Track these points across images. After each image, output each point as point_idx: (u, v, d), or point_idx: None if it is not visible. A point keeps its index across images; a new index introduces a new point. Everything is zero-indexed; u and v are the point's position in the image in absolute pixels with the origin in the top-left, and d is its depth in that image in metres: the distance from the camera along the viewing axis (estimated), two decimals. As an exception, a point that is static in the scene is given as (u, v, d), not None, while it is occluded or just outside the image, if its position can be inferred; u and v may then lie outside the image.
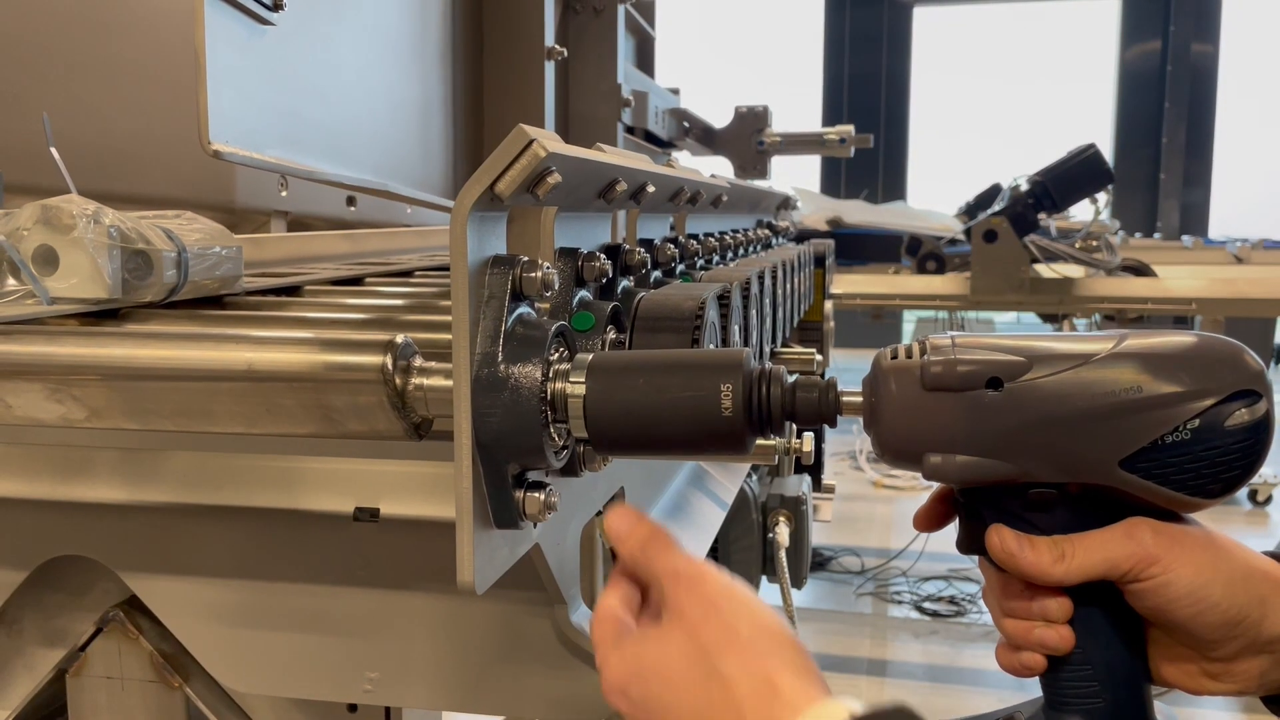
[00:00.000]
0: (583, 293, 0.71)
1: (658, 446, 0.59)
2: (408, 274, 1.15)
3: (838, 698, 0.52)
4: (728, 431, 0.58)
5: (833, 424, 0.61)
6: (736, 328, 0.86)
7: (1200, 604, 0.58)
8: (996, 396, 0.57)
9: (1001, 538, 0.61)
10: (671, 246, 0.93)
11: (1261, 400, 0.57)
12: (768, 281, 1.10)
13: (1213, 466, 0.57)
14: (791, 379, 0.60)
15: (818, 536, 4.72)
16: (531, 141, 0.54)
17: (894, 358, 0.60)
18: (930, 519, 0.67)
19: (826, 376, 0.62)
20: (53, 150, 0.88)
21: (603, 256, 0.71)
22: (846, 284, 3.38)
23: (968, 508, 0.64)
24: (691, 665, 0.54)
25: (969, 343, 0.59)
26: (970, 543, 0.64)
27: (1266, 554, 0.62)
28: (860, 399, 0.60)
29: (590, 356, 0.59)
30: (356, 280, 1.04)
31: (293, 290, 0.94)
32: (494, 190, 0.55)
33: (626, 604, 0.60)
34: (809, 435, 0.73)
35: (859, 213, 4.08)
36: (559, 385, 0.58)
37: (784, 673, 0.53)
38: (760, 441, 0.76)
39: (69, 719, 0.91)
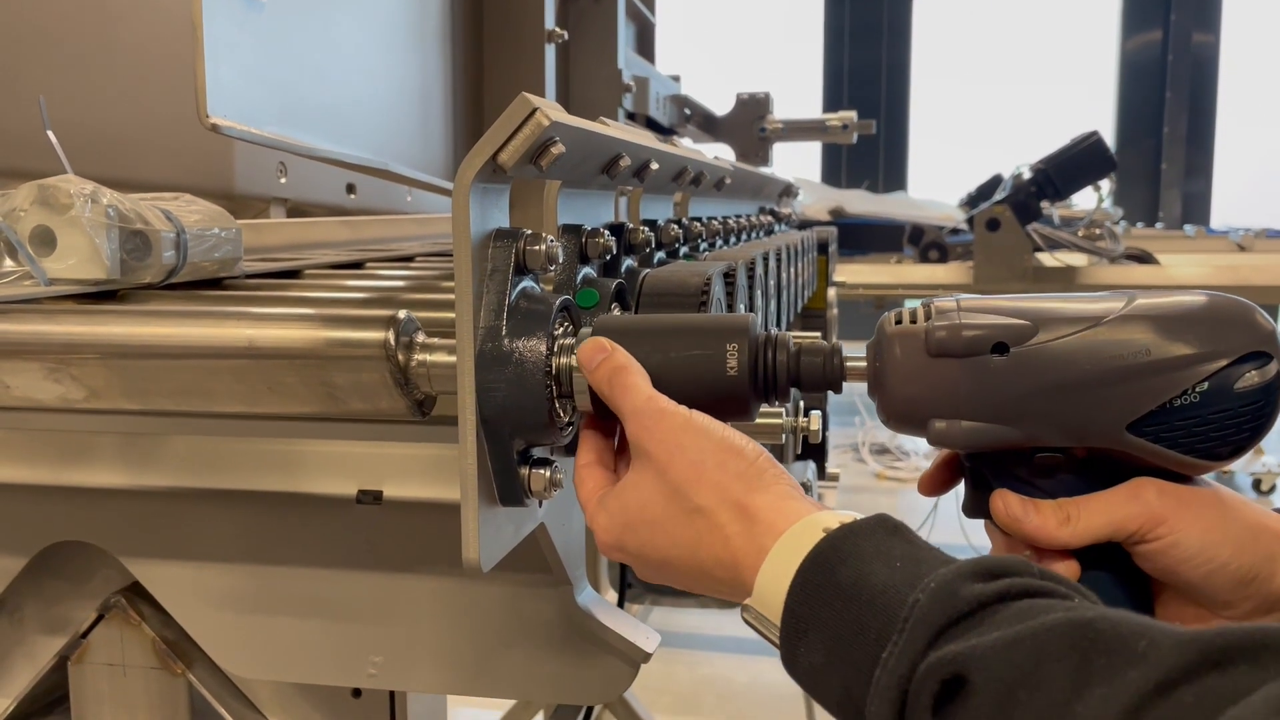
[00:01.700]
0: (586, 269, 0.70)
1: None
2: (409, 259, 1.14)
3: (816, 511, 0.52)
4: (732, 393, 0.57)
5: (837, 389, 0.60)
6: (742, 306, 0.86)
7: (1210, 563, 0.57)
8: (1002, 362, 0.56)
9: (1006, 503, 0.60)
10: (675, 227, 0.92)
11: (1272, 362, 0.56)
12: (772, 263, 1.09)
13: (1221, 429, 0.56)
14: (796, 345, 0.59)
15: (821, 528, 4.69)
16: (535, 110, 0.53)
17: (898, 323, 0.59)
18: (935, 484, 0.66)
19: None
20: (49, 134, 0.87)
21: (607, 233, 0.71)
22: (849, 274, 3.37)
23: (973, 472, 0.63)
24: (670, 504, 0.54)
25: (974, 306, 0.58)
26: (976, 507, 0.63)
27: (1277, 510, 0.61)
28: (864, 365, 0.60)
29: (594, 321, 0.59)
30: (357, 265, 1.03)
31: (293, 274, 0.93)
32: (497, 161, 0.54)
33: (600, 456, 0.60)
34: (815, 413, 0.72)
35: (861, 202, 4.07)
36: (565, 360, 0.57)
37: (757, 495, 0.53)
38: (767, 420, 0.75)
39: (71, 707, 0.90)
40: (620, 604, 1.58)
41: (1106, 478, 0.59)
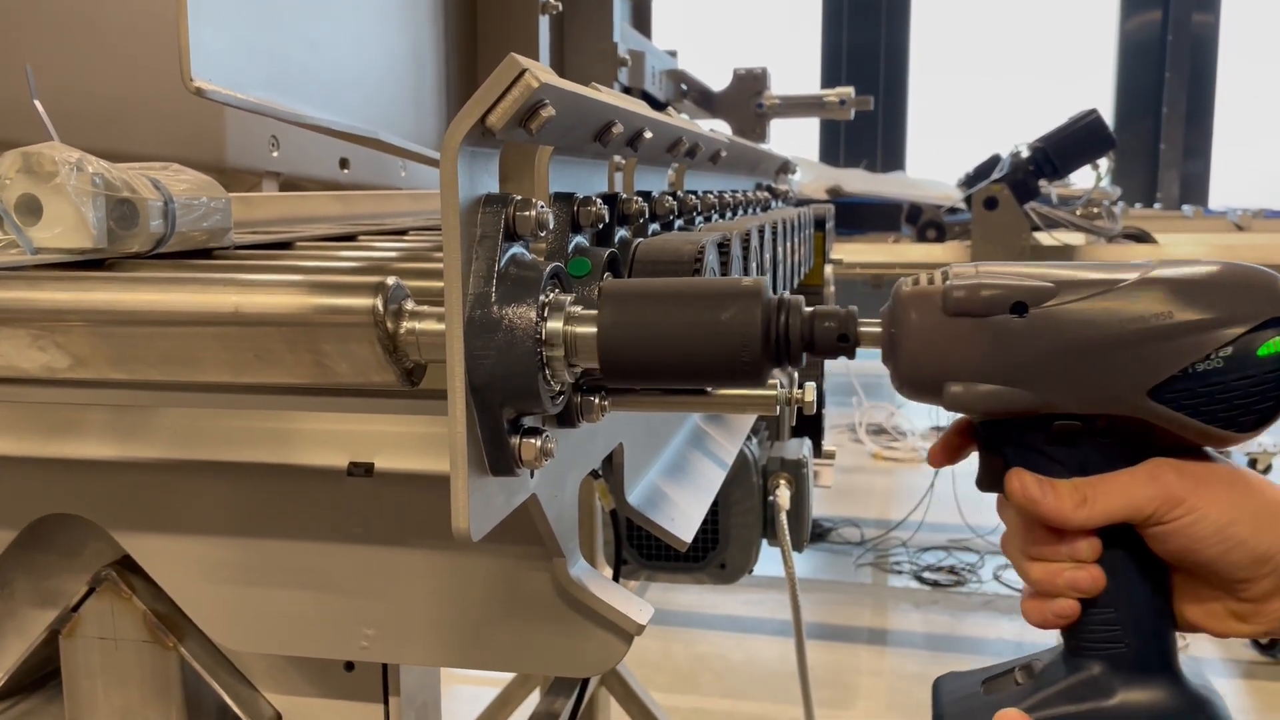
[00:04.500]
0: (579, 238, 0.69)
1: (671, 374, 0.58)
2: (401, 232, 1.13)
3: None
4: (744, 358, 0.56)
5: (850, 354, 0.59)
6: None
7: (1227, 542, 0.57)
8: (1021, 322, 0.55)
9: (1023, 482, 0.59)
10: (670, 199, 0.91)
11: None
12: (768, 236, 1.08)
13: (1245, 397, 0.55)
14: (810, 309, 0.58)
15: (817, 507, 4.72)
16: (524, 71, 0.52)
17: (914, 285, 0.58)
18: (947, 452, 0.65)
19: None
20: (36, 103, 0.86)
21: (599, 201, 0.70)
22: (846, 252, 3.36)
23: (988, 441, 0.62)
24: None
25: (992, 269, 0.57)
26: (990, 479, 0.62)
27: None
28: (879, 330, 0.58)
29: (601, 284, 0.58)
30: (349, 238, 1.02)
31: (284, 246, 0.92)
32: (485, 123, 0.53)
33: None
34: (810, 385, 0.72)
35: (859, 181, 4.05)
36: (556, 324, 0.57)
37: None
38: (761, 392, 0.75)
39: (62, 680, 0.90)
40: (615, 579, 1.57)
41: (1126, 451, 0.58)
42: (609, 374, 0.57)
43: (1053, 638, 0.65)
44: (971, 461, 0.66)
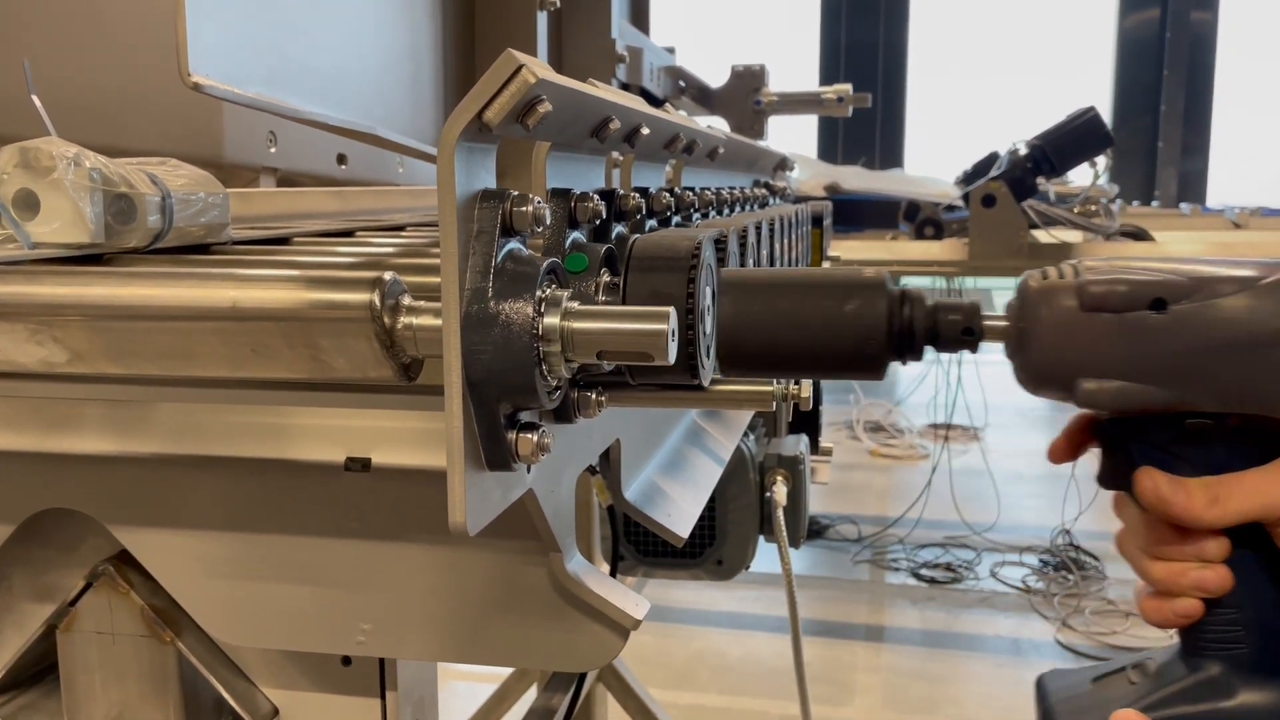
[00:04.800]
0: (576, 234, 0.69)
1: (791, 365, 0.57)
2: (399, 228, 1.13)
3: None
4: (868, 351, 0.55)
5: (973, 349, 0.58)
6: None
7: None
8: (1160, 319, 0.54)
9: (1154, 481, 0.58)
10: (668, 195, 0.92)
11: None
12: (765, 232, 1.08)
13: None
14: (934, 302, 0.57)
15: (815, 504, 4.73)
16: (520, 67, 0.52)
17: (1043, 279, 0.57)
18: (1066, 450, 0.63)
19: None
20: (34, 98, 0.86)
21: (596, 197, 0.70)
22: (844, 250, 3.36)
23: (1113, 438, 0.60)
24: None
25: (1125, 263, 0.56)
26: (1113, 477, 0.60)
27: None
28: (1004, 324, 0.57)
29: (721, 271, 0.57)
30: (347, 234, 1.02)
31: (281, 241, 0.92)
32: (482, 119, 0.53)
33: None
34: (807, 381, 0.72)
35: (856, 178, 4.05)
36: (553, 319, 0.57)
37: None
38: (757, 388, 0.75)
39: (60, 675, 0.90)
40: (612, 575, 1.58)
41: (1257, 450, 0.57)
42: (727, 363, 0.56)
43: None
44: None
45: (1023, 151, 3.28)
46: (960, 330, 0.57)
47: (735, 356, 0.56)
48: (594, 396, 0.65)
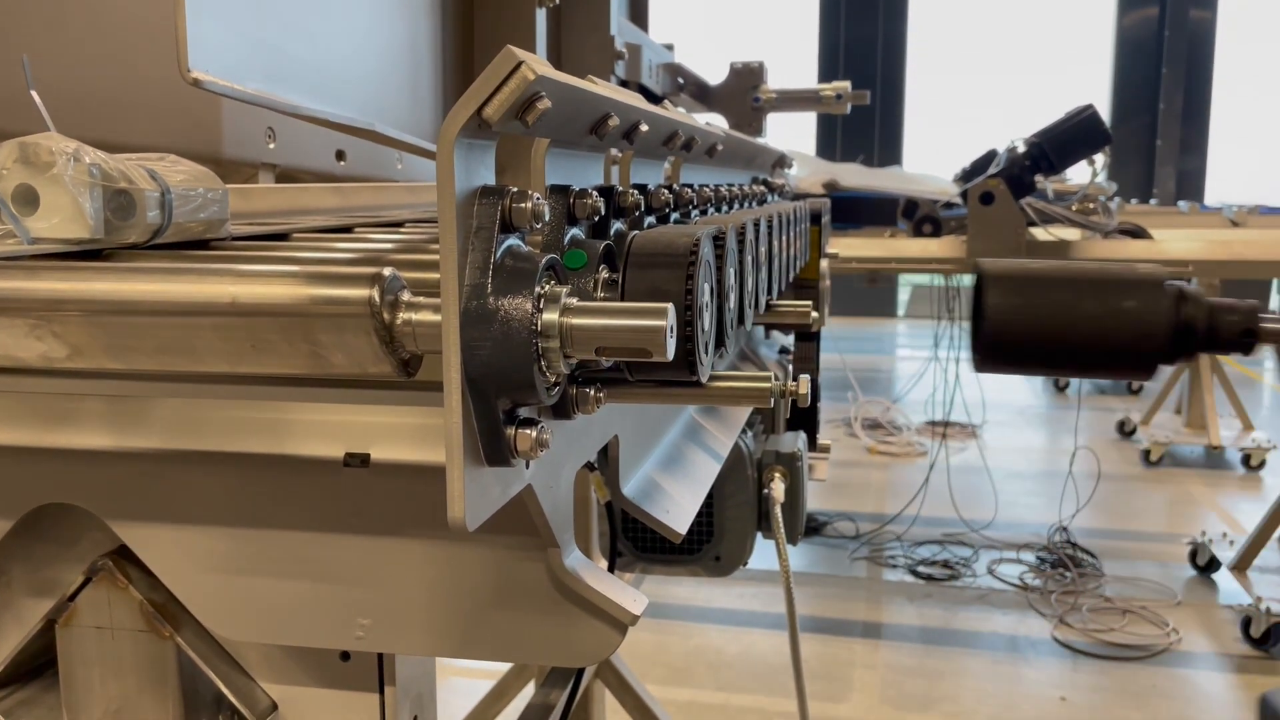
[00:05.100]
0: (574, 230, 0.70)
1: (1055, 362, 0.56)
2: (398, 224, 1.13)
3: None
4: (1145, 349, 0.55)
5: (1248, 351, 0.57)
6: (732, 271, 0.85)
7: None
8: None
9: None
10: (666, 192, 0.92)
11: None
12: (763, 229, 1.09)
13: None
14: (1210, 301, 0.57)
15: (812, 501, 4.73)
16: (520, 64, 0.52)
17: None
18: None
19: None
20: (33, 94, 0.86)
21: (595, 194, 0.70)
22: (842, 247, 3.37)
23: None
24: None
25: None
26: None
27: None
28: None
29: (983, 261, 0.56)
30: (346, 230, 1.02)
31: (280, 237, 0.92)
32: (481, 115, 0.53)
33: None
34: (805, 377, 0.72)
35: (855, 176, 4.05)
36: (552, 315, 0.57)
37: None
38: (755, 384, 0.75)
39: (59, 669, 0.90)
40: (610, 571, 1.58)
41: None
42: (988, 358, 0.56)
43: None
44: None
45: (1021, 149, 3.28)
46: (1239, 331, 0.55)
47: (999, 350, 0.54)
48: (592, 393, 0.65)
